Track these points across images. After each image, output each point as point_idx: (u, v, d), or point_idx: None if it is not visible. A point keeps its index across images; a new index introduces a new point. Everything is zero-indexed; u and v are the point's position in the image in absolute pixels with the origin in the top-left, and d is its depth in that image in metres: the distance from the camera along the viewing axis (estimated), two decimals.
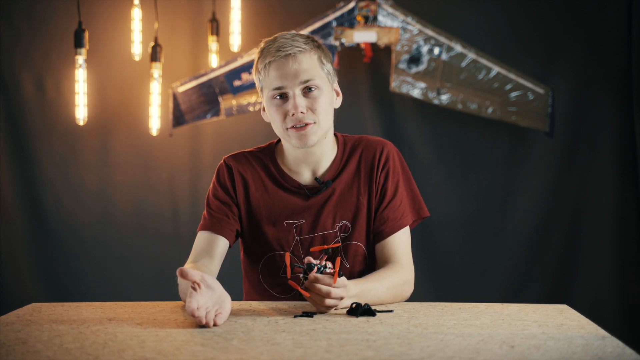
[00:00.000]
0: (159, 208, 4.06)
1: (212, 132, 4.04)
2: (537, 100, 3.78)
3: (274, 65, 1.97)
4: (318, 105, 1.97)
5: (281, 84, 1.96)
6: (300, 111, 1.95)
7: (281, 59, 1.96)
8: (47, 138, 4.02)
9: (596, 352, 1.43)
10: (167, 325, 1.67)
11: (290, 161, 2.09)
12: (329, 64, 2.03)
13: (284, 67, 1.96)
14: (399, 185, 2.09)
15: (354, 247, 2.07)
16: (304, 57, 1.97)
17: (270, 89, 1.99)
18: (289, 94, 1.97)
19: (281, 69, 1.96)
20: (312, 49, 1.99)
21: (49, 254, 4.02)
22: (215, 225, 2.06)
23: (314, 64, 1.98)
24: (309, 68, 1.97)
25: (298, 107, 1.95)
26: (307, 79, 1.96)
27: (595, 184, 3.94)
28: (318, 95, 1.98)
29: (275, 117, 2.00)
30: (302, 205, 2.07)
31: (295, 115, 1.96)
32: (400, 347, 1.46)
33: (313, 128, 1.98)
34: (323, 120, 1.99)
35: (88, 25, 3.83)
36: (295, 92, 1.96)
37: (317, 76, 1.98)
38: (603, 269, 3.93)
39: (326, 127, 2.02)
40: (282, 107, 1.98)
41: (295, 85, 1.96)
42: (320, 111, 1.98)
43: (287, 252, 1.85)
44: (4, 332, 1.59)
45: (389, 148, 2.11)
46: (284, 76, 1.96)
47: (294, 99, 1.96)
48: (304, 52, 1.97)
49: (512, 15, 3.95)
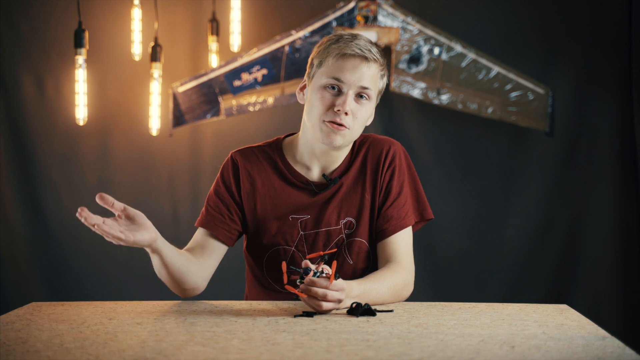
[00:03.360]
0: (159, 208, 4.06)
1: (212, 132, 4.04)
2: (537, 100, 3.78)
3: (347, 58, 1.98)
4: (361, 114, 2.00)
5: (344, 78, 1.97)
6: (345, 111, 1.96)
7: (357, 57, 1.97)
8: (47, 138, 4.02)
9: (596, 353, 1.43)
10: (167, 325, 1.67)
11: (304, 155, 2.09)
12: (383, 83, 2.06)
13: (354, 65, 1.97)
14: (404, 184, 2.10)
15: (358, 244, 2.07)
16: (374, 66, 1.99)
17: (329, 77, 1.99)
18: (344, 90, 1.98)
19: (351, 66, 1.97)
20: (382, 65, 2.03)
21: (49, 254, 4.02)
22: (210, 223, 2.07)
23: (376, 77, 2.01)
24: (372, 78, 2.00)
25: (346, 105, 1.96)
26: (366, 87, 1.98)
27: (595, 184, 3.94)
28: (366, 105, 2.00)
29: (318, 104, 2.00)
30: (308, 201, 2.07)
31: (340, 112, 1.96)
32: (400, 347, 1.46)
33: (345, 132, 1.99)
34: (356, 130, 2.01)
35: (88, 25, 3.83)
36: (350, 92, 1.97)
37: (374, 88, 2.01)
38: (603, 269, 3.93)
39: (354, 137, 2.03)
40: (331, 99, 1.98)
41: (354, 86, 1.98)
42: (360, 120, 2.00)
43: (283, 262, 1.86)
44: (4, 331, 1.59)
45: (397, 147, 2.12)
46: (350, 72, 1.97)
47: (347, 97, 1.97)
48: (376, 62, 2.00)
49: (512, 15, 3.95)
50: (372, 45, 2.01)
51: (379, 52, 2.01)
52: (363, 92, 1.99)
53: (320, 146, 2.04)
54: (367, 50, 1.98)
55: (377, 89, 2.04)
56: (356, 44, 1.98)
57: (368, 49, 1.98)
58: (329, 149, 2.03)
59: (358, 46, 1.98)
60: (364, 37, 2.02)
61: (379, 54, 2.01)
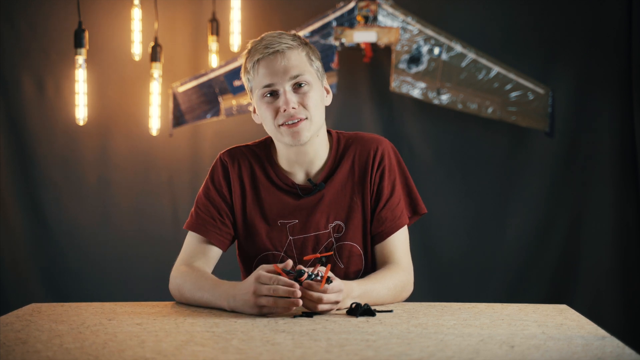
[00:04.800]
0: (159, 208, 4.06)
1: (212, 132, 4.04)
2: (537, 100, 3.78)
3: (262, 63, 1.96)
4: (309, 100, 1.96)
5: (271, 81, 1.95)
6: (291, 107, 1.94)
7: (269, 55, 1.95)
8: (47, 138, 4.02)
9: (596, 352, 1.43)
10: (167, 325, 1.67)
11: (284, 162, 2.07)
12: (318, 61, 2.02)
13: (272, 64, 1.95)
14: (395, 183, 2.07)
15: (348, 248, 2.05)
16: (292, 53, 1.96)
17: (260, 87, 1.97)
18: (279, 90, 1.95)
19: (270, 66, 1.95)
20: (300, 46, 1.98)
21: (49, 254, 4.02)
22: (201, 227, 2.05)
23: (303, 60, 1.97)
24: (298, 64, 1.96)
25: (289, 102, 1.94)
26: (296, 74, 1.95)
27: (595, 184, 3.94)
28: (308, 90, 1.97)
29: (266, 115, 1.98)
30: (294, 205, 2.05)
31: (286, 111, 1.94)
32: (400, 347, 1.46)
33: (305, 124, 1.96)
34: (315, 116, 1.97)
35: (88, 25, 3.83)
36: (286, 89, 1.95)
37: (307, 72, 1.97)
38: (603, 269, 3.93)
39: (318, 123, 2.00)
40: (273, 105, 1.96)
41: (285, 81, 1.95)
42: (312, 106, 1.96)
43: (274, 265, 1.82)
44: (4, 332, 1.59)
45: (384, 146, 2.08)
46: (273, 73, 1.95)
47: (285, 95, 1.94)
48: (292, 49, 1.96)
49: (512, 15, 3.95)
50: (282, 36, 1.97)
51: (290, 38, 1.97)
52: (297, 81, 1.96)
53: (293, 150, 2.02)
54: (276, 44, 1.95)
55: (312, 69, 1.99)
56: (264, 45, 1.96)
57: (277, 42, 1.95)
58: (302, 147, 2.01)
59: (266, 45, 1.95)
60: (271, 34, 1.99)
61: (291, 40, 1.97)
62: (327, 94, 2.06)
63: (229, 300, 1.80)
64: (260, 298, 1.74)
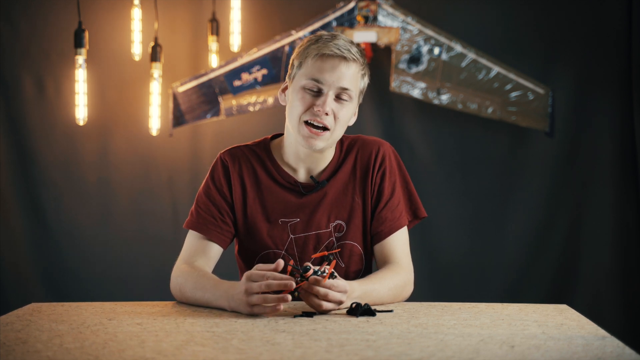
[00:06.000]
0: (159, 208, 4.06)
1: (212, 132, 4.04)
2: (537, 100, 3.78)
3: (326, 58, 1.96)
4: (342, 114, 1.98)
5: (323, 79, 1.95)
6: (325, 112, 1.95)
7: (336, 57, 1.95)
8: (47, 138, 4.02)
9: (596, 352, 1.43)
10: (167, 325, 1.67)
11: (289, 157, 2.08)
12: (365, 83, 2.04)
13: (334, 65, 1.95)
14: (396, 185, 2.09)
15: (349, 247, 2.06)
16: (353, 67, 1.97)
17: (309, 78, 1.97)
18: (324, 91, 1.96)
19: (329, 66, 1.95)
20: (362, 65, 2.00)
21: (49, 254, 4.02)
22: (202, 227, 2.05)
23: (356, 77, 1.99)
24: (352, 79, 1.98)
25: (326, 106, 1.95)
26: (346, 87, 1.97)
27: (595, 184, 3.94)
28: (347, 105, 1.98)
29: (298, 104, 1.98)
30: (296, 203, 2.06)
31: (320, 112, 1.95)
32: (400, 347, 1.46)
33: (326, 135, 1.98)
34: (337, 130, 1.99)
35: (88, 25, 3.83)
36: (329, 93, 1.96)
37: (354, 88, 1.99)
38: (603, 269, 3.93)
39: (337, 138, 2.02)
40: (310, 99, 1.97)
41: (334, 87, 1.96)
42: (341, 120, 1.98)
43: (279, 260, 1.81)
44: (4, 332, 1.59)
45: (385, 148, 2.10)
46: (329, 73, 1.95)
47: (327, 97, 1.96)
48: (356, 62, 1.98)
49: (512, 15, 3.95)
50: (352, 45, 1.99)
51: (358, 52, 1.99)
52: (343, 92, 1.97)
53: (303, 149, 2.03)
54: (346, 50, 1.96)
55: (358, 89, 2.01)
56: (335, 44, 1.96)
57: (347, 48, 1.96)
58: (311, 152, 2.02)
59: (337, 46, 1.96)
60: (343, 37, 2.00)
61: (358, 54, 1.99)
62: (354, 115, 2.07)
63: (229, 300, 1.81)
64: (252, 296, 1.74)
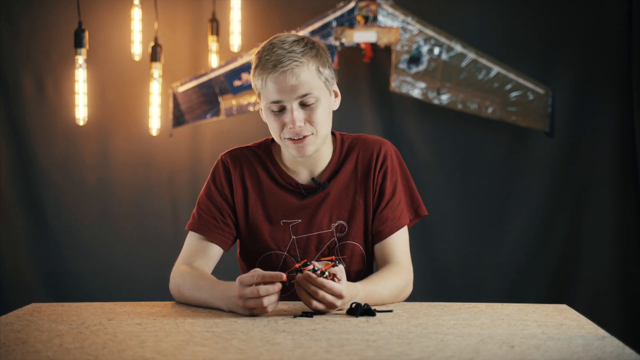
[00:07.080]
0: (159, 208, 4.06)
1: (212, 132, 4.04)
2: (537, 100, 3.78)
3: (271, 78, 1.92)
4: (316, 117, 1.94)
5: (279, 97, 1.93)
6: (297, 125, 1.93)
7: (280, 71, 1.91)
8: (47, 138, 4.02)
9: (596, 352, 1.43)
10: (166, 325, 1.67)
11: (288, 162, 2.08)
12: (327, 69, 1.98)
13: (281, 82, 1.91)
14: (397, 184, 2.08)
15: (351, 247, 2.06)
16: (301, 71, 1.91)
17: (268, 101, 1.95)
18: (287, 107, 1.93)
19: (279, 84, 1.91)
20: (310, 60, 1.93)
21: (49, 254, 4.02)
22: (204, 228, 2.05)
23: (312, 75, 1.93)
24: (307, 81, 1.92)
25: (295, 121, 1.92)
26: (305, 93, 1.92)
27: (595, 184, 3.94)
28: (316, 107, 1.94)
29: (273, 126, 1.97)
30: (298, 204, 2.06)
31: (292, 128, 1.93)
32: (400, 347, 1.46)
33: (311, 139, 1.96)
34: (321, 130, 1.97)
35: (88, 25, 3.83)
36: (293, 106, 1.93)
37: (315, 87, 1.94)
38: (603, 269, 3.93)
39: (325, 135, 2.00)
40: (280, 119, 1.95)
41: (293, 99, 1.92)
42: (318, 122, 1.95)
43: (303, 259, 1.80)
44: (4, 332, 1.59)
45: (387, 147, 2.09)
46: (281, 91, 1.92)
47: (292, 113, 1.92)
48: (302, 65, 1.91)
49: (512, 15, 3.95)
50: (294, 44, 1.92)
51: (304, 48, 1.92)
52: (305, 98, 1.93)
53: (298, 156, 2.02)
54: (287, 60, 1.90)
55: (321, 82, 1.95)
56: (275, 58, 1.90)
57: (287, 58, 1.90)
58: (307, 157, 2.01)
59: (277, 60, 1.90)
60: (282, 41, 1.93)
61: (301, 55, 1.91)
62: (335, 98, 2.04)
63: (226, 302, 1.81)
64: (248, 301, 1.74)
